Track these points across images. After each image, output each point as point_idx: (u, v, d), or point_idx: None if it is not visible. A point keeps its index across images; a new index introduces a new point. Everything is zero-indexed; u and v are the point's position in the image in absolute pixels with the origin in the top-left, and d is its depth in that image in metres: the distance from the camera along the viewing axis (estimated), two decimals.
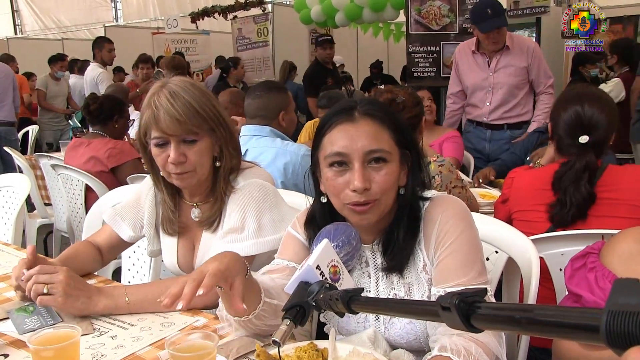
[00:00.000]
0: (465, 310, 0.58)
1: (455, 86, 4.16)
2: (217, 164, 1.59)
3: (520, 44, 3.88)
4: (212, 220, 1.63)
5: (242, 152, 2.57)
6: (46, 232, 4.26)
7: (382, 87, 2.46)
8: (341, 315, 0.92)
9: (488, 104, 3.97)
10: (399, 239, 1.25)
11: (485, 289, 0.63)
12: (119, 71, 8.92)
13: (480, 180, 3.07)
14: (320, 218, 1.31)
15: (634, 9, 7.69)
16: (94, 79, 6.51)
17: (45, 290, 1.37)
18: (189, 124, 1.48)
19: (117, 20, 13.79)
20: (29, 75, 8.67)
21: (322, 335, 1.37)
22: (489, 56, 3.93)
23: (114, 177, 3.43)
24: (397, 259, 1.26)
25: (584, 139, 1.87)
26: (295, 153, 2.56)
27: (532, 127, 3.84)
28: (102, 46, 6.60)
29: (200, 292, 0.99)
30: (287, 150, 2.57)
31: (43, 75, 7.98)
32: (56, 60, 8.08)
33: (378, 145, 1.20)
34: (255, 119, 2.71)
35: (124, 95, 5.49)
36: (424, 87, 3.81)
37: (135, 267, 2.25)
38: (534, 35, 5.89)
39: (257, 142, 2.64)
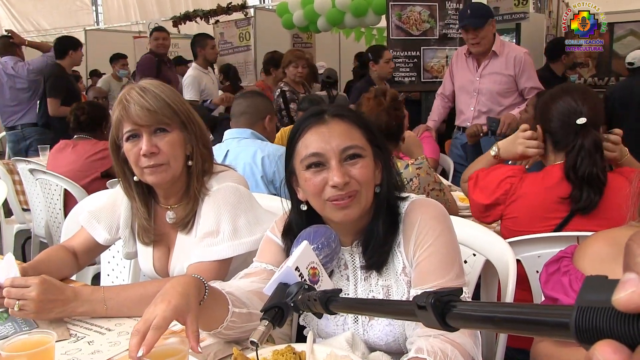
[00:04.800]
0: (440, 309, 0.59)
1: (444, 87, 4.28)
2: (190, 163, 1.59)
3: (509, 52, 3.90)
4: (187, 221, 1.62)
5: (224, 153, 2.69)
6: (24, 237, 4.20)
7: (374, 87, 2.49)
8: (319, 316, 0.92)
9: (472, 108, 4.01)
10: (379, 235, 1.27)
11: (461, 288, 0.64)
12: (95, 75, 8.79)
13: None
14: (298, 227, 1.31)
15: (610, 16, 7.83)
16: (182, 83, 5.68)
17: (16, 308, 1.35)
18: (159, 114, 1.49)
19: (97, 24, 13.68)
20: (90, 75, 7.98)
21: (301, 338, 1.37)
22: (478, 61, 3.98)
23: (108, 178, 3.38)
24: (376, 256, 1.28)
25: (581, 120, 1.84)
26: (273, 154, 2.67)
27: (516, 111, 3.79)
28: (205, 44, 5.73)
29: (140, 353, 0.97)
30: (266, 148, 2.70)
31: (106, 76, 7.39)
32: (117, 58, 7.53)
33: (352, 142, 1.23)
34: (242, 117, 2.82)
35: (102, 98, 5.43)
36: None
37: (115, 272, 2.23)
38: (514, 41, 5.97)
39: (237, 144, 2.74)
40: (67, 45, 5.60)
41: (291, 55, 5.06)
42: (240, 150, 2.71)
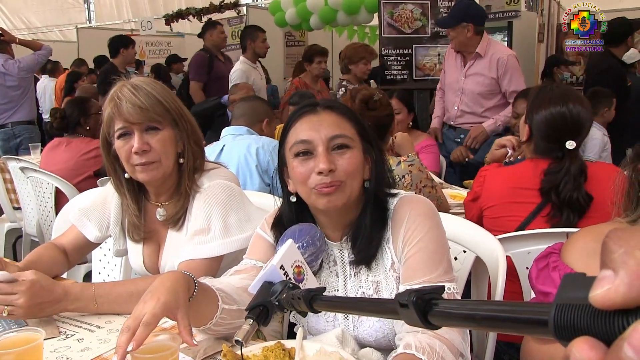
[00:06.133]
0: (422, 307, 0.59)
1: (442, 81, 4.27)
2: (181, 160, 1.59)
3: (493, 54, 3.82)
4: (177, 218, 1.62)
5: (219, 148, 2.73)
6: (15, 236, 4.18)
7: (355, 86, 2.50)
8: (304, 314, 0.92)
9: (456, 108, 4.02)
10: (366, 229, 1.27)
11: (443, 286, 0.64)
12: (91, 73, 8.72)
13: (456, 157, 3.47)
14: (287, 220, 1.32)
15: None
16: (230, 77, 5.33)
17: (5, 314, 1.32)
18: (151, 112, 1.49)
19: (89, 22, 13.57)
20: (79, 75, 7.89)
21: (292, 335, 1.37)
22: (464, 60, 3.97)
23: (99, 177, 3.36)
24: (365, 251, 1.28)
25: (571, 144, 1.84)
26: (268, 144, 2.79)
27: (488, 123, 3.84)
28: (256, 36, 5.30)
29: (129, 347, 0.97)
30: (260, 140, 2.82)
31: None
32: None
33: (340, 131, 1.25)
34: (241, 118, 2.95)
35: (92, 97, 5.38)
36: (394, 95, 3.84)
37: (106, 270, 2.22)
38: (507, 39, 5.98)
39: (233, 139, 2.86)
40: (118, 44, 5.82)
41: (364, 52, 4.60)
42: (235, 144, 2.82)
